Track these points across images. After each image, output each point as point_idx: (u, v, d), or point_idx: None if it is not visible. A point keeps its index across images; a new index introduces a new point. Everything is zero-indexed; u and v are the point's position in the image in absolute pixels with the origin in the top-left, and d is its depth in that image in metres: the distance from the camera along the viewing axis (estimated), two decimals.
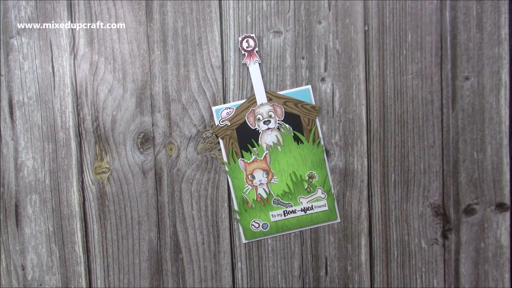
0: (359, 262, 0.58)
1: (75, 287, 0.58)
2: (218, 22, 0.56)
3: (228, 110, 0.56)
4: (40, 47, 0.57)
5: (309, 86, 0.56)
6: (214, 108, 0.57)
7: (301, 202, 0.57)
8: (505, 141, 0.56)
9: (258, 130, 0.56)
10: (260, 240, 0.58)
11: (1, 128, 0.57)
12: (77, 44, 0.57)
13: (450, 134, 0.57)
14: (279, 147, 0.57)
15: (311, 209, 0.57)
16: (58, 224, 0.58)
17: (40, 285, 0.58)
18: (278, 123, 0.56)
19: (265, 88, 0.56)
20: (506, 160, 0.56)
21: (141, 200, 0.58)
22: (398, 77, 0.56)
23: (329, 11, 0.56)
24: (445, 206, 0.57)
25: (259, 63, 0.56)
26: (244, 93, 0.57)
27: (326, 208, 0.57)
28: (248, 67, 0.56)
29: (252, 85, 0.56)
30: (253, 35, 0.55)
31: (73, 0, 0.56)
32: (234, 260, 0.58)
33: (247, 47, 0.55)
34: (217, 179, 0.57)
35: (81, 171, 0.57)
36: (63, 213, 0.58)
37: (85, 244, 0.58)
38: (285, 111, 0.56)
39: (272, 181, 0.57)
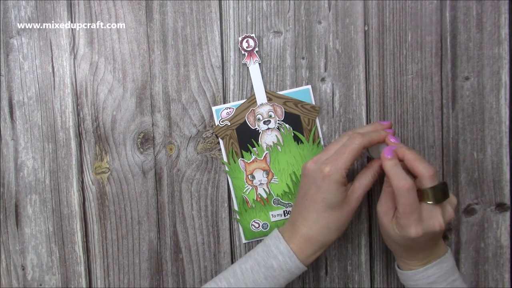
0: (359, 262, 0.58)
1: (75, 287, 0.58)
2: (218, 22, 0.56)
3: (228, 110, 0.56)
4: (40, 47, 0.57)
5: (309, 86, 0.56)
6: (214, 108, 0.57)
7: None
8: (505, 141, 0.56)
9: (258, 130, 0.56)
10: (260, 240, 0.58)
11: (1, 128, 0.57)
12: (77, 44, 0.57)
13: (450, 134, 0.57)
14: (279, 147, 0.57)
15: None
16: (58, 224, 0.58)
17: (40, 285, 0.58)
18: (278, 123, 0.56)
19: (265, 88, 0.56)
20: (506, 160, 0.56)
21: (141, 200, 0.58)
22: (398, 77, 0.56)
23: (329, 11, 0.56)
24: None
25: (259, 63, 0.56)
26: (244, 93, 0.57)
27: None
28: (248, 67, 0.56)
29: (252, 85, 0.56)
30: (253, 35, 0.55)
31: (73, 0, 0.56)
32: (234, 260, 0.58)
33: (247, 47, 0.55)
34: (217, 179, 0.57)
35: (81, 171, 0.57)
36: (63, 213, 0.58)
37: (85, 244, 0.58)
38: (285, 111, 0.56)
39: (272, 181, 0.57)
